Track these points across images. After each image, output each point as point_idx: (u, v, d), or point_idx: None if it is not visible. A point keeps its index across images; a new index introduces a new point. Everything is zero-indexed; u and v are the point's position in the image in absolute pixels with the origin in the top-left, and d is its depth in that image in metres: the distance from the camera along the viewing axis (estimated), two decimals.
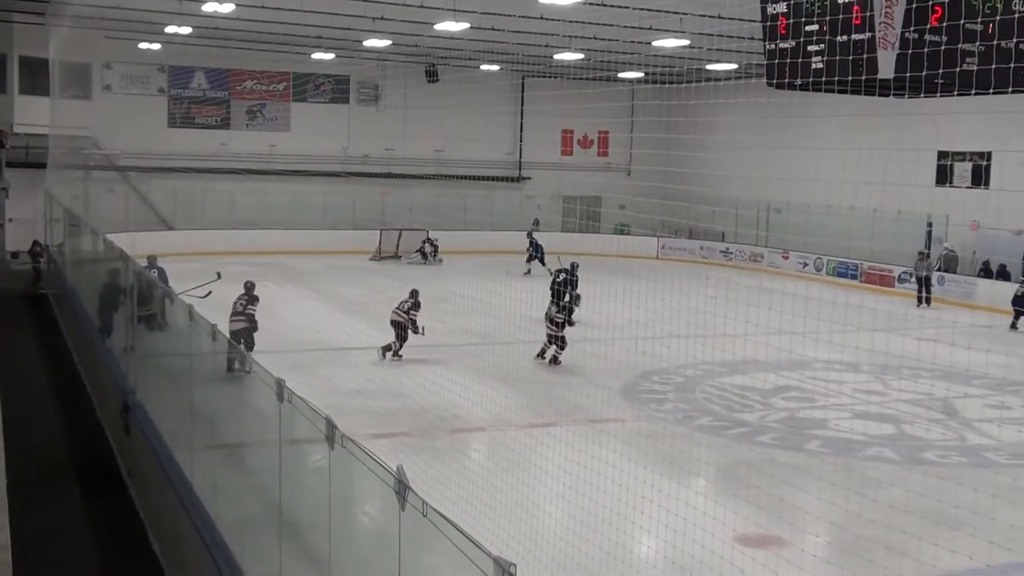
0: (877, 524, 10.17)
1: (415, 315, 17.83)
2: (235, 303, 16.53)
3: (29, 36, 31.09)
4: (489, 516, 9.19)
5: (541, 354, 17.97)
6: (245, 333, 15.93)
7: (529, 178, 40.79)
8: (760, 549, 9.66)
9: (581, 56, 29.05)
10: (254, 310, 16.52)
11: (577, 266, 20.95)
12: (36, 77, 31.91)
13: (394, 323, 17.92)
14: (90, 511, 12.17)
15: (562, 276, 19.66)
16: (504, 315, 20.03)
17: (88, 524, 11.79)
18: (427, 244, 33.41)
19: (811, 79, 10.30)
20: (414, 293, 18.09)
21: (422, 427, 13.77)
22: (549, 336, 17.87)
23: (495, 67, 35.73)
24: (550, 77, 35.26)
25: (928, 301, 26.65)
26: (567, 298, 18.50)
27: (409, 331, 17.69)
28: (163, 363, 11.91)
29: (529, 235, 32.22)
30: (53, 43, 29.38)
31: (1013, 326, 23.77)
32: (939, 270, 28.34)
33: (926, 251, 28.30)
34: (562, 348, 17.77)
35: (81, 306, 19.38)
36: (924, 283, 26.92)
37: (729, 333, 20.41)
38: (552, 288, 18.73)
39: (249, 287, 16.78)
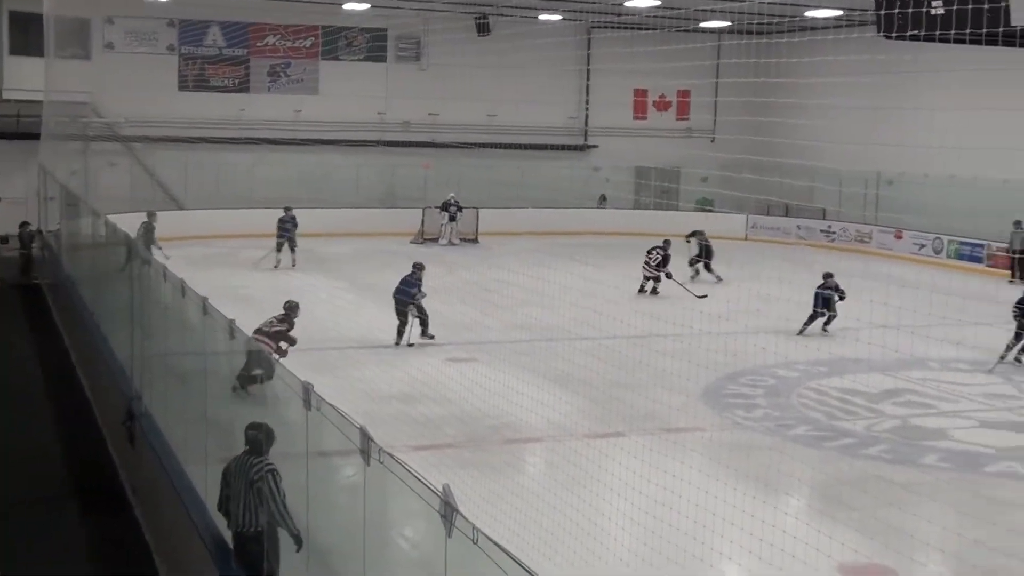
0: (1005, 553, 10.07)
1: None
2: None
3: None
4: (546, 540, 9.26)
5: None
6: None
7: (596, 146, 40.79)
8: None
9: (657, 2, 28.91)
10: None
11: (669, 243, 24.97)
12: (28, 35, 32.43)
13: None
14: (90, 532, 12.42)
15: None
16: (562, 307, 20.03)
17: (88, 547, 12.04)
18: (452, 207, 33.67)
19: (929, 29, 10.19)
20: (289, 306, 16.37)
21: (470, 437, 13.88)
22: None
23: (556, 17, 35.70)
24: (620, 28, 35.13)
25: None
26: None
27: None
28: (173, 364, 12.11)
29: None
30: None
31: None
32: None
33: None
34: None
35: (79, 298, 19.74)
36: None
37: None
38: None
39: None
